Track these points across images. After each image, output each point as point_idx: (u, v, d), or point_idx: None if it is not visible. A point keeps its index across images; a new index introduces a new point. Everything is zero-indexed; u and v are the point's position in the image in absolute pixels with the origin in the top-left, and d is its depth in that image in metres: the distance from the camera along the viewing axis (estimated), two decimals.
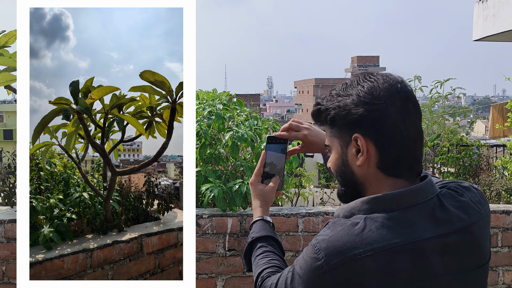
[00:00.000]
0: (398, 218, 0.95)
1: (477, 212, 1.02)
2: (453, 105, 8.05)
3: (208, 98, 3.39)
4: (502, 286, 2.89)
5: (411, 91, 1.03)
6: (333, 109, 1.04)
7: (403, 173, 1.01)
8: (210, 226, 2.76)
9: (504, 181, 4.96)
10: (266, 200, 1.38)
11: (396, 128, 0.98)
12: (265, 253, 1.24)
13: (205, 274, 2.77)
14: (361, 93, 1.00)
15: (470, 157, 6.45)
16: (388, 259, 0.91)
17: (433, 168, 7.28)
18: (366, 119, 0.98)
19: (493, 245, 2.86)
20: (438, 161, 6.83)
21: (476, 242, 1.00)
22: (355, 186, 1.06)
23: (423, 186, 0.99)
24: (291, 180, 4.69)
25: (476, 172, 6.31)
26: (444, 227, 0.97)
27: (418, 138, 1.02)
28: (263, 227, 1.32)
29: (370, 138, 0.99)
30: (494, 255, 2.87)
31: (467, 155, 6.45)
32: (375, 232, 0.93)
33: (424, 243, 0.94)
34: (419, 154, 1.02)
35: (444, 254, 0.95)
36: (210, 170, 2.98)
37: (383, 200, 0.98)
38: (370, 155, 1.00)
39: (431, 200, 0.99)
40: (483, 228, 1.03)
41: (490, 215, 1.08)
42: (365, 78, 1.03)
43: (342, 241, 0.93)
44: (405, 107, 0.99)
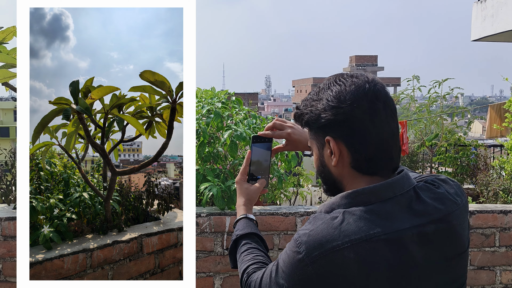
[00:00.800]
0: (376, 211, 0.98)
1: (453, 203, 1.05)
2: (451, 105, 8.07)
3: (207, 96, 3.38)
4: (499, 285, 2.90)
5: (380, 90, 1.04)
6: (306, 114, 1.09)
7: (378, 171, 1.04)
8: (209, 225, 2.76)
9: (501, 181, 4.97)
10: (250, 199, 1.42)
11: (364, 129, 1.01)
12: (249, 250, 1.28)
13: (203, 272, 2.77)
14: (329, 97, 1.04)
15: (468, 157, 6.47)
16: (366, 249, 0.93)
17: (431, 168, 7.29)
18: (334, 122, 1.02)
19: (490, 245, 2.87)
20: (436, 161, 6.85)
21: (454, 231, 1.03)
22: (334, 184, 1.10)
23: (399, 180, 1.03)
24: (289, 179, 4.69)
25: (473, 172, 6.32)
26: (421, 218, 0.99)
27: (391, 136, 1.04)
28: (247, 224, 1.35)
29: (341, 140, 1.03)
30: (492, 254, 2.88)
31: (465, 155, 6.46)
32: (353, 224, 0.95)
33: (401, 233, 0.96)
34: (393, 151, 1.04)
35: (423, 243, 0.98)
36: (209, 168, 2.98)
37: (361, 194, 1.01)
38: (343, 156, 1.04)
39: (407, 192, 1.02)
40: (460, 217, 1.06)
41: (467, 205, 1.11)
42: (335, 81, 1.06)
43: (322, 234, 0.96)
44: (373, 107, 1.01)
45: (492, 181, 5.09)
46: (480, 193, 5.33)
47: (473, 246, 2.87)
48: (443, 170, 6.80)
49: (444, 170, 6.82)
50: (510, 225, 2.87)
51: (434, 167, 7.20)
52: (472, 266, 2.88)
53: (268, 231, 2.76)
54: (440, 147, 6.76)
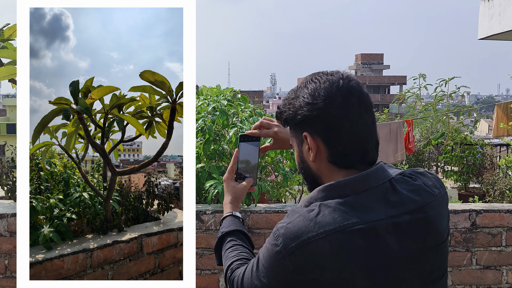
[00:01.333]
0: (351, 202, 1.00)
1: (430, 194, 1.07)
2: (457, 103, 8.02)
3: (212, 94, 3.38)
4: (506, 285, 2.88)
5: (355, 86, 1.07)
6: (284, 112, 1.14)
7: (354, 164, 1.07)
8: (213, 222, 2.76)
9: (507, 180, 4.94)
10: (237, 197, 1.45)
11: (339, 124, 1.04)
12: (234, 247, 1.31)
13: (208, 270, 2.77)
14: (305, 95, 1.08)
15: (474, 156, 6.43)
16: (341, 240, 0.95)
17: (437, 166, 7.26)
18: (309, 118, 1.07)
19: (497, 245, 2.86)
20: (441, 159, 6.81)
21: (431, 221, 1.05)
22: (314, 179, 1.14)
23: (374, 172, 1.05)
24: (295, 177, 4.69)
25: (479, 171, 6.29)
26: (396, 208, 1.02)
27: (366, 130, 1.07)
28: (232, 222, 1.38)
29: (317, 135, 1.07)
30: (498, 254, 2.86)
31: (471, 154, 6.43)
32: (328, 216, 0.98)
33: (376, 223, 0.98)
34: (368, 145, 1.07)
35: (398, 233, 1.00)
36: (214, 166, 2.98)
37: (337, 187, 1.04)
38: (320, 151, 1.08)
39: (383, 184, 1.04)
40: (437, 208, 1.07)
41: (446, 197, 1.13)
42: (311, 80, 1.10)
43: (298, 226, 0.98)
44: (347, 102, 1.04)
45: (499, 180, 5.06)
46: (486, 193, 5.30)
47: (479, 246, 2.85)
48: (449, 169, 6.77)
49: (450, 169, 6.78)
50: None
51: (440, 166, 7.17)
52: (478, 265, 2.87)
53: (272, 228, 2.75)
54: (446, 146, 6.73)
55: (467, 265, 2.86)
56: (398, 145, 6.76)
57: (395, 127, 6.82)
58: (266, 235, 2.73)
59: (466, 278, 2.87)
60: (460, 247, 2.86)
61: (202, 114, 3.04)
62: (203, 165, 2.97)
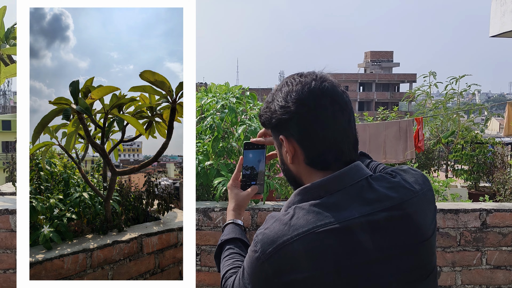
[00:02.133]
0: (325, 203, 1.00)
1: (409, 191, 1.05)
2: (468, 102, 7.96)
3: (221, 91, 3.38)
4: None
5: (328, 86, 1.06)
6: (262, 115, 1.16)
7: (331, 165, 1.07)
8: (222, 220, 2.76)
9: None
10: (240, 204, 1.44)
11: (310, 126, 1.05)
12: (231, 255, 1.31)
13: (215, 267, 2.77)
14: (279, 98, 1.09)
15: (485, 155, 6.38)
16: (313, 240, 0.96)
17: (447, 165, 7.21)
18: (282, 121, 1.08)
19: (507, 244, 2.83)
20: (452, 158, 6.77)
21: (410, 218, 1.03)
22: (295, 180, 1.15)
23: (347, 171, 1.05)
24: None
25: (490, 170, 6.24)
26: (371, 206, 1.00)
27: (340, 131, 1.06)
28: (233, 230, 1.39)
29: (292, 137, 1.08)
30: (509, 254, 2.83)
31: (482, 152, 6.37)
32: (301, 218, 0.99)
33: (350, 222, 0.97)
34: (344, 146, 1.07)
35: (373, 231, 0.99)
36: (223, 163, 2.98)
37: (311, 189, 1.05)
38: (297, 153, 1.09)
39: (358, 183, 1.04)
40: (418, 205, 1.05)
41: (431, 193, 1.11)
42: (286, 83, 1.11)
43: (274, 231, 0.99)
44: (320, 104, 1.04)
45: (509, 179, 5.01)
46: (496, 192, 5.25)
47: (489, 245, 2.83)
48: (459, 168, 6.72)
49: (460, 167, 6.73)
50: None
51: (450, 165, 7.12)
52: (488, 265, 2.84)
53: None
54: (457, 144, 6.68)
55: (477, 265, 2.84)
56: (408, 143, 6.72)
57: (405, 125, 6.77)
58: None
59: (475, 277, 2.85)
60: (470, 246, 2.84)
61: (211, 111, 3.04)
62: (211, 162, 2.98)
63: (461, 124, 6.99)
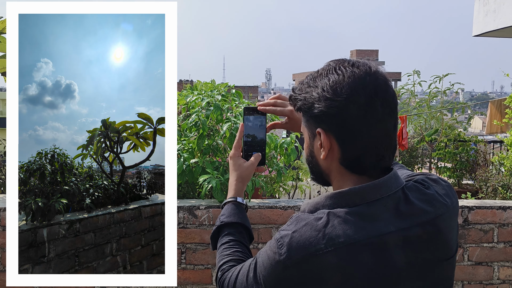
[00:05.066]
0: (361, 213, 0.94)
1: (443, 205, 1.00)
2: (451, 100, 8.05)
3: (207, 89, 3.37)
4: (497, 281, 2.90)
5: (382, 84, 0.98)
6: (300, 100, 1.03)
7: (367, 170, 1.00)
8: (207, 217, 2.76)
9: (500, 177, 4.97)
10: (243, 176, 1.33)
11: (356, 127, 0.95)
12: (230, 243, 1.22)
13: (201, 265, 2.77)
14: (325, 86, 0.97)
15: (467, 153, 6.46)
16: (349, 254, 0.90)
17: (430, 163, 7.29)
18: (326, 115, 0.97)
19: (488, 241, 2.87)
20: (435, 156, 6.84)
21: (441, 234, 0.99)
22: (321, 176, 1.07)
23: (387, 181, 0.97)
24: (288, 173, 4.69)
25: (473, 167, 6.33)
26: (407, 221, 0.95)
27: (385, 136, 0.98)
28: (234, 211, 1.28)
29: (332, 133, 0.98)
30: (490, 250, 2.88)
31: (464, 150, 6.45)
32: (337, 227, 0.92)
33: (385, 237, 0.93)
34: (385, 151, 0.99)
35: (406, 247, 0.94)
36: (208, 161, 2.97)
37: (346, 195, 0.97)
38: (333, 150, 0.99)
39: (395, 194, 0.97)
40: (449, 220, 1.01)
41: (458, 207, 1.06)
42: (334, 69, 0.99)
43: (305, 236, 0.92)
44: (370, 104, 0.95)
45: (491, 177, 5.09)
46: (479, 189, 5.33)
47: (471, 242, 2.87)
48: (442, 166, 6.80)
49: (443, 165, 6.81)
50: (508, 221, 2.87)
51: (434, 162, 7.20)
52: (470, 261, 2.89)
53: (266, 224, 2.76)
54: (440, 142, 6.75)
55: (459, 261, 2.88)
56: None
57: None
58: (260, 230, 2.74)
59: (458, 274, 2.89)
60: None
61: (196, 109, 3.03)
62: (197, 160, 2.97)
63: (445, 122, 7.07)
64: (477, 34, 8.74)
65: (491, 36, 8.89)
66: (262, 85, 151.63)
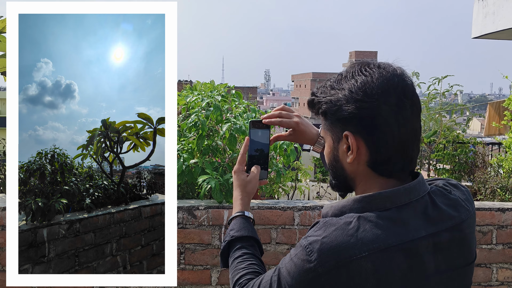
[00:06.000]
0: (392, 217, 0.92)
1: (466, 210, 1.00)
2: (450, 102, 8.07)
3: (206, 89, 3.37)
4: (495, 283, 2.91)
5: (409, 85, 0.97)
6: (325, 103, 1.00)
7: (395, 173, 0.98)
8: (206, 218, 2.76)
9: (499, 179, 4.98)
10: (248, 191, 1.31)
11: (388, 128, 0.93)
12: (244, 256, 1.18)
13: (200, 265, 2.77)
14: (353, 88, 0.95)
15: (466, 155, 6.46)
16: (383, 259, 0.88)
17: (429, 164, 7.30)
18: (357, 117, 0.95)
19: (487, 242, 2.88)
20: (434, 157, 6.84)
21: (466, 240, 0.99)
22: (345, 180, 1.04)
23: (416, 185, 0.96)
24: (288, 174, 4.69)
25: (471, 169, 6.33)
26: (436, 226, 0.95)
27: (413, 137, 0.97)
28: (244, 225, 1.25)
29: (361, 136, 0.96)
30: (488, 252, 2.89)
31: (463, 152, 6.46)
32: (370, 232, 0.89)
33: (418, 242, 0.92)
34: (413, 153, 0.98)
35: (435, 253, 0.94)
36: (207, 161, 2.98)
37: (377, 198, 0.95)
38: (360, 154, 0.97)
39: (423, 198, 0.96)
40: (471, 226, 1.01)
41: (475, 213, 1.05)
42: (360, 71, 0.97)
43: (337, 241, 0.89)
44: (400, 105, 0.94)
45: (490, 178, 5.10)
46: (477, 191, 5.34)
47: None
48: (441, 167, 6.81)
49: (442, 167, 6.82)
50: (507, 223, 2.87)
51: (432, 164, 7.21)
52: None
53: (265, 225, 2.76)
54: (439, 144, 6.76)
55: None
56: None
57: None
58: (259, 231, 2.74)
59: None
60: None
61: (196, 109, 3.03)
62: (196, 160, 2.97)
63: (443, 124, 7.08)
64: (476, 36, 8.76)
65: (490, 38, 8.91)
66: (261, 85, 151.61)
